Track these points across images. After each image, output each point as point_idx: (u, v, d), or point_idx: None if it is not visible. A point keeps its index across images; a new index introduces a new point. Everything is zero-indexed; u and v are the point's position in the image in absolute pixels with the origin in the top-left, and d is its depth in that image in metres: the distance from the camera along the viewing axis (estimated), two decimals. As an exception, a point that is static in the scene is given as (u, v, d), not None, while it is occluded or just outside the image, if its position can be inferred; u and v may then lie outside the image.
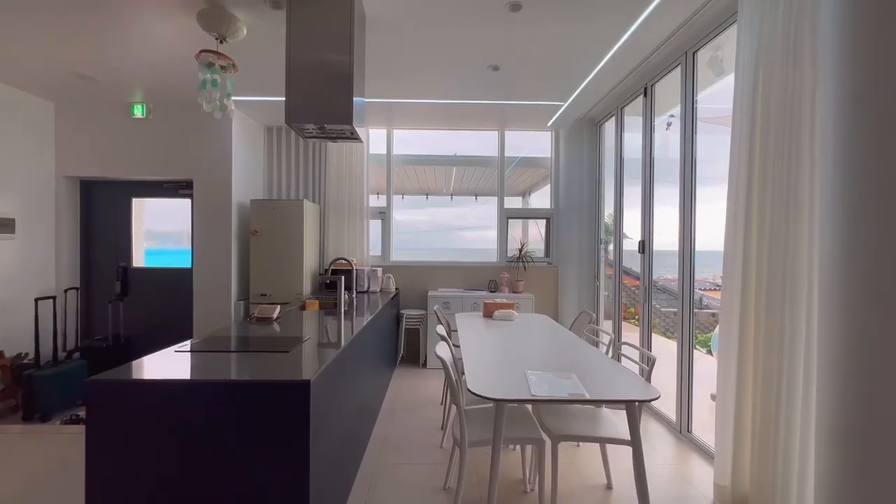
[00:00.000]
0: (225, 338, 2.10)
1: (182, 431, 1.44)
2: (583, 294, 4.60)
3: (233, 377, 1.52)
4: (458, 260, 5.04)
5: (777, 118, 1.90)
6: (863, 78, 1.26)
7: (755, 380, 1.96)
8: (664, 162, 3.48)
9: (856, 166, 1.28)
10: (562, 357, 2.27)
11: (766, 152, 1.96)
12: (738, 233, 2.06)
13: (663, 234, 3.79)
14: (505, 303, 3.46)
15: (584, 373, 1.89)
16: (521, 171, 5.29)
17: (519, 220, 5.20)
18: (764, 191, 1.94)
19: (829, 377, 1.33)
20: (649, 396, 1.61)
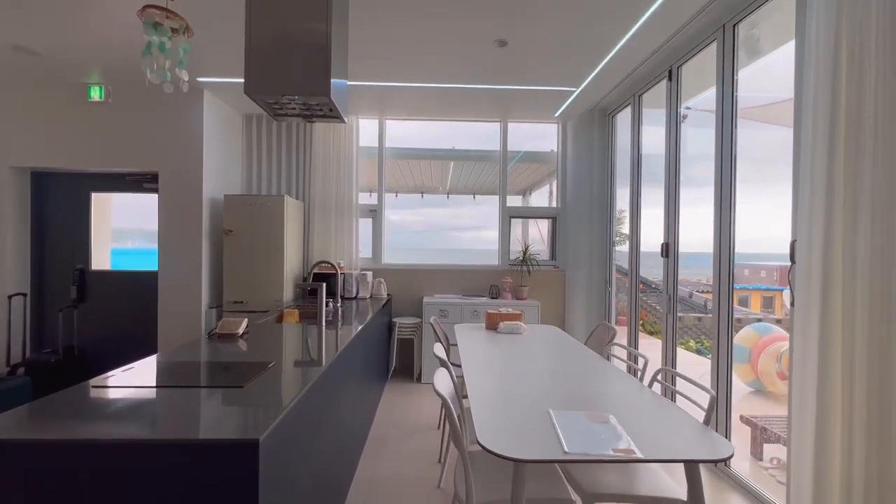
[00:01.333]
0: (168, 364, 1.66)
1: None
2: (593, 301, 4.20)
3: (144, 434, 1.08)
4: (457, 263, 4.62)
5: (873, 98, 1.49)
6: None
7: (853, 423, 1.55)
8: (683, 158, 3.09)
9: None
10: (588, 386, 1.86)
11: (858, 141, 1.55)
12: (816, 236, 1.65)
13: (682, 235, 3.41)
14: (511, 313, 3.04)
15: (622, 411, 1.48)
16: (522, 168, 4.88)
17: (521, 219, 4.79)
18: (857, 187, 1.53)
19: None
20: (722, 455, 1.20)
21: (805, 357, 1.68)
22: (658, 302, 3.87)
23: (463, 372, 2.13)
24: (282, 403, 1.28)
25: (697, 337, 9.18)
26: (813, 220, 1.67)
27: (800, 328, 1.71)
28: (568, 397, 1.68)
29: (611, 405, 1.56)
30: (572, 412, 1.47)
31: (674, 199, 3.02)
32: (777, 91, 3.10)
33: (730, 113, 2.51)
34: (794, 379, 1.73)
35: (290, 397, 1.33)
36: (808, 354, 1.66)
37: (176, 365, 1.66)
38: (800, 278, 1.73)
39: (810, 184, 1.68)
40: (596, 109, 4.17)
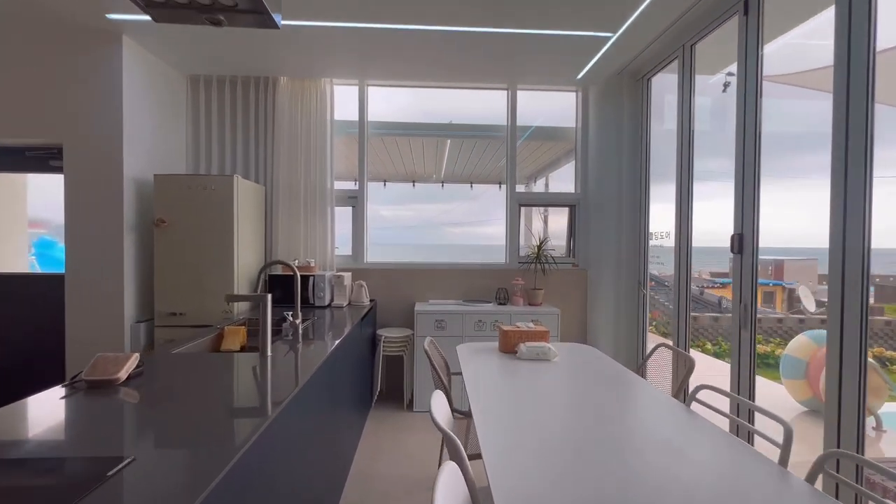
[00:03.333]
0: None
1: None
2: (622, 307, 3.42)
3: None
4: (455, 261, 3.81)
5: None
6: None
7: None
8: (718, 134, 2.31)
9: None
10: (681, 465, 1.07)
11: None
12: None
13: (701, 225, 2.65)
14: (534, 330, 2.24)
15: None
16: (532, 147, 4.08)
17: (530, 209, 3.98)
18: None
19: None
20: None
21: None
22: (668, 300, 3.11)
23: (473, 421, 1.35)
24: None
25: (714, 338, 8.51)
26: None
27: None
28: (643, 480, 0.88)
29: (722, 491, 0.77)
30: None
31: (754, 178, 2.24)
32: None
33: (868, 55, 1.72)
34: None
35: None
36: None
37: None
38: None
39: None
40: (626, 72, 3.38)
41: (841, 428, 1.74)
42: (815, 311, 10.18)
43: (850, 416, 1.73)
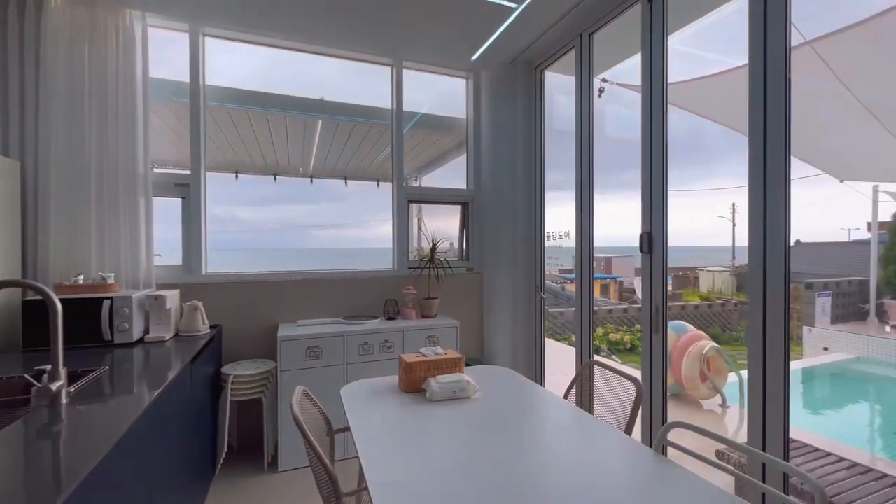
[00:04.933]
0: None
1: None
2: (520, 314, 3.18)
3: None
4: (333, 269, 3.09)
5: None
6: None
7: None
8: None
9: None
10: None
11: None
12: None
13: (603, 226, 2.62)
14: (446, 358, 1.73)
15: None
16: (419, 136, 3.61)
17: (422, 206, 3.51)
18: None
19: None
20: None
21: None
22: (556, 304, 3.06)
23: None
24: None
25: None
26: None
27: None
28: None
29: None
30: None
31: (660, 178, 2.12)
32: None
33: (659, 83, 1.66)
34: None
35: None
36: None
37: None
38: None
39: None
40: (520, 61, 3.15)
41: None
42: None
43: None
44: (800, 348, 8.18)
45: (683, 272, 20.21)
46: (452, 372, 1.70)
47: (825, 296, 7.50)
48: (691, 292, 18.30)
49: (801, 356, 7.45)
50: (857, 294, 8.15)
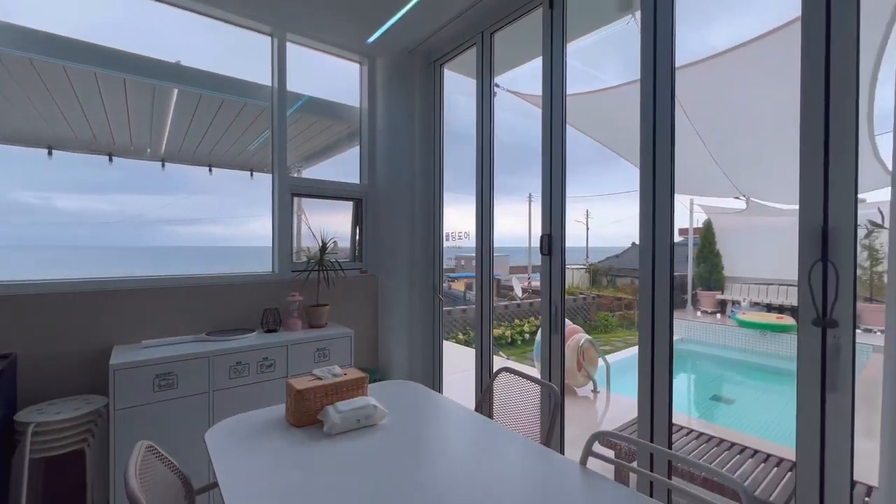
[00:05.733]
0: None
1: None
2: (417, 316, 3.03)
3: None
4: (193, 274, 2.51)
5: None
6: None
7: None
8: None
9: None
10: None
11: None
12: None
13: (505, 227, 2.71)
14: (347, 379, 1.46)
15: None
16: (302, 124, 3.21)
17: (303, 201, 3.10)
18: None
19: None
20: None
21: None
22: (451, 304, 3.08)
23: None
24: None
25: (464, 329, 9.60)
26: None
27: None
28: None
29: None
30: None
31: (559, 177, 2.17)
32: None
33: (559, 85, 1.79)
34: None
35: None
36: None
37: None
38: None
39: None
40: (418, 53, 3.00)
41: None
42: (521, 297, 13.14)
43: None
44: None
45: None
46: (355, 396, 1.45)
47: (659, 289, 9.04)
48: (557, 288, 20.57)
49: (643, 340, 8.88)
50: (678, 287, 10.07)
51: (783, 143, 5.21)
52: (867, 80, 3.19)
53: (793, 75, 3.66)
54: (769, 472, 2.13)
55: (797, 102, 1.37)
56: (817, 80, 1.31)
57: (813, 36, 1.32)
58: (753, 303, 8.45)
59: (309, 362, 2.41)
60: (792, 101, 4.08)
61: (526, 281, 16.93)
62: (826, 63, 1.30)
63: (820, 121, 1.31)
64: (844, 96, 1.26)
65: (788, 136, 5.17)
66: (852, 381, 1.28)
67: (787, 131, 4.97)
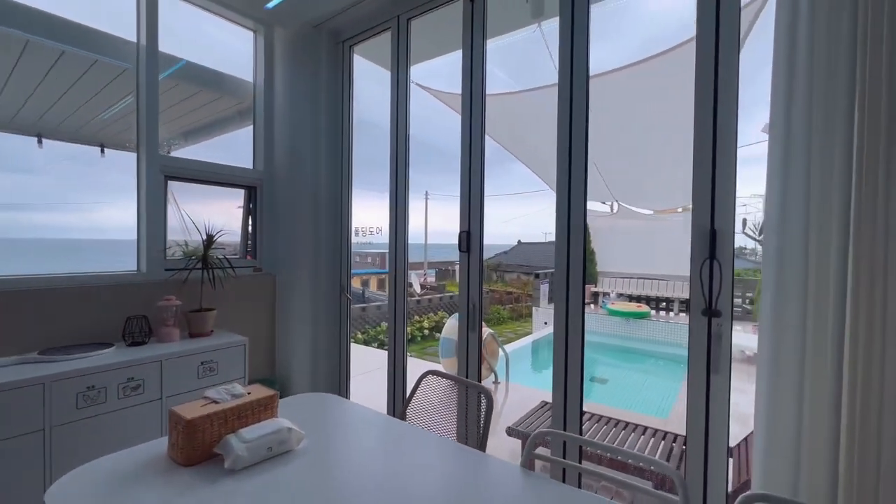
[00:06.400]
0: None
1: None
2: (322, 318, 2.79)
3: None
4: (13, 274, 1.91)
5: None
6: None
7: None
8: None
9: None
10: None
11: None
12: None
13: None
14: (250, 400, 1.22)
15: None
16: (176, 94, 2.70)
17: (187, 185, 2.61)
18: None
19: None
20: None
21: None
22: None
23: None
24: None
25: (363, 328, 9.28)
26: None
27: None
28: None
29: None
30: None
31: (478, 175, 2.16)
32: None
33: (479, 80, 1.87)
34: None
35: None
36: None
37: None
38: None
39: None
40: (325, 29, 2.73)
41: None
42: (420, 293, 13.25)
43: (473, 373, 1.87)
44: (530, 324, 10.59)
45: (445, 266, 23.32)
46: (263, 418, 1.22)
47: (545, 283, 9.92)
48: (451, 283, 21.28)
49: (531, 331, 9.66)
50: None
51: (649, 156, 6.10)
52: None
53: (663, 98, 4.18)
54: (658, 444, 2.43)
55: (662, 122, 1.54)
56: (707, 100, 1.49)
57: (704, 61, 1.49)
58: (619, 294, 9.78)
59: (191, 379, 2.02)
60: (657, 122, 4.69)
61: (423, 277, 17.13)
62: (714, 84, 1.48)
63: (709, 137, 1.49)
64: (729, 115, 1.46)
65: (651, 152, 6.02)
66: (729, 364, 1.50)
67: (653, 148, 5.81)
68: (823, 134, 1.17)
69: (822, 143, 1.17)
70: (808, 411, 1.16)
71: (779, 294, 1.24)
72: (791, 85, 1.24)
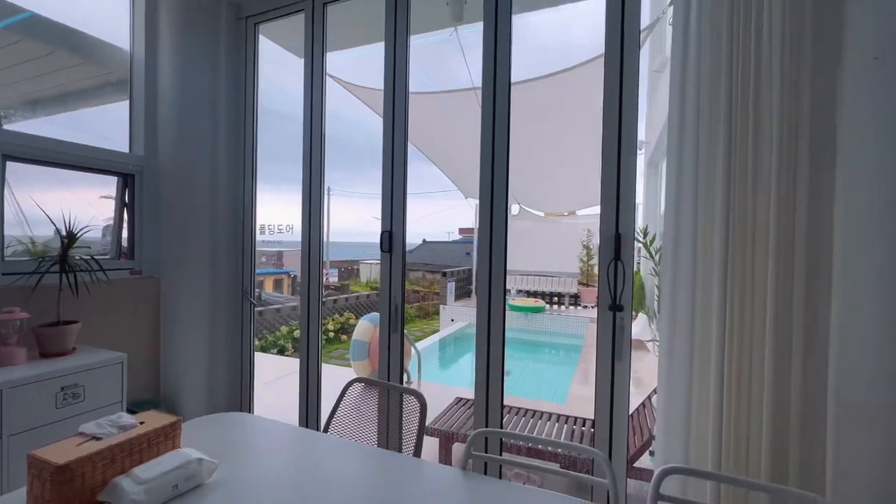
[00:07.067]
0: None
1: None
2: (221, 326, 2.48)
3: None
4: None
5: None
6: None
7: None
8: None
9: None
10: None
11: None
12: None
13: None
14: (148, 430, 1.01)
15: None
16: (19, 51, 2.17)
17: (37, 170, 2.09)
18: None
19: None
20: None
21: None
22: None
23: None
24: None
25: (260, 333, 8.50)
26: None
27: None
28: None
29: None
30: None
31: (399, 167, 2.12)
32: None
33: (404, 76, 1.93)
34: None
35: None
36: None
37: None
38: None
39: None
40: (225, 2, 2.42)
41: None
42: (324, 294, 12.62)
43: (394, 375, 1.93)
44: (437, 321, 10.78)
45: (348, 266, 22.62)
46: (163, 451, 1.03)
47: (452, 281, 10.21)
48: (356, 282, 20.71)
49: (439, 328, 9.85)
50: (467, 279, 11.60)
51: (545, 163, 6.63)
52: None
53: (563, 112, 4.53)
54: (562, 428, 2.64)
55: (559, 135, 1.70)
56: (613, 120, 1.65)
57: (611, 84, 1.65)
58: (518, 290, 10.50)
59: (47, 410, 1.63)
60: (555, 134, 5.07)
61: (325, 277, 16.31)
62: (619, 107, 1.65)
63: (615, 152, 1.66)
64: (631, 134, 1.64)
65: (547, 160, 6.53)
66: (629, 352, 1.69)
67: (548, 156, 6.33)
68: (707, 156, 1.38)
69: (708, 159, 1.38)
70: (697, 389, 1.36)
71: (674, 291, 1.43)
72: (683, 115, 1.44)
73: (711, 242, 1.36)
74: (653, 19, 3.78)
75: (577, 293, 10.21)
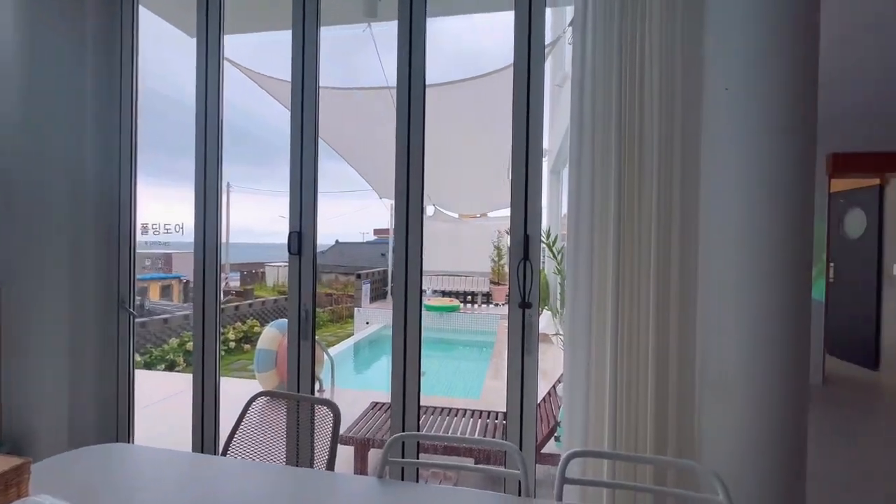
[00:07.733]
0: None
1: None
2: (88, 342, 2.11)
3: None
4: None
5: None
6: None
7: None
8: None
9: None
10: None
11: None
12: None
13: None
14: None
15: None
16: None
17: None
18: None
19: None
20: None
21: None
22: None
23: None
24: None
25: (143, 347, 7.41)
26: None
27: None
28: None
29: None
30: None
31: (310, 171, 2.00)
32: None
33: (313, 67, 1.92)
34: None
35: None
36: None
37: None
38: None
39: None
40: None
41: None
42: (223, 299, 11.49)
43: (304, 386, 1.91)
44: (351, 325, 10.46)
45: (251, 269, 20.88)
46: (8, 501, 0.83)
47: (367, 283, 9.98)
48: (261, 286, 19.18)
49: (353, 332, 9.56)
50: (382, 280, 11.44)
51: (461, 165, 6.81)
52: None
53: (473, 117, 4.70)
54: (486, 423, 2.71)
55: (472, 138, 1.79)
56: (521, 128, 1.75)
57: (518, 94, 1.75)
58: (434, 290, 10.64)
59: None
60: (468, 137, 5.24)
61: (224, 281, 14.92)
62: (527, 116, 1.75)
63: (523, 159, 1.75)
64: (537, 142, 1.75)
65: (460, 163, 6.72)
66: (537, 347, 1.80)
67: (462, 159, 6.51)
68: (603, 164, 1.53)
69: (603, 167, 1.52)
70: (595, 377, 1.50)
71: (576, 289, 1.56)
72: (582, 126, 1.57)
73: (606, 244, 1.51)
74: (554, 37, 4.10)
75: (489, 292, 10.67)
